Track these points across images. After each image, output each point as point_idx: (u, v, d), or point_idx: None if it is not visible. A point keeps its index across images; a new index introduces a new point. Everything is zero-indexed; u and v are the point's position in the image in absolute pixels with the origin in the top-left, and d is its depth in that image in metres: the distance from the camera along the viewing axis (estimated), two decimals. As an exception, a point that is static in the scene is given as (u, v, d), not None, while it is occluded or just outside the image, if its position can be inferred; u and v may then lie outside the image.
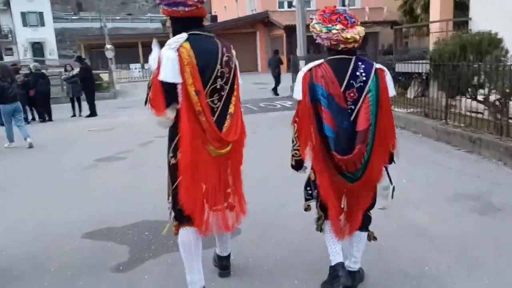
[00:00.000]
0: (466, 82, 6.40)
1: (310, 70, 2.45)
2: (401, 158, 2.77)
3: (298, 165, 2.66)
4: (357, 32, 2.41)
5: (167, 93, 2.32)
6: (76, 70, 13.14)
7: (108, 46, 19.64)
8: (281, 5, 28.58)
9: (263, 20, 28.26)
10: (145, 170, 6.10)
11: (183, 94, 2.34)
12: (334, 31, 2.37)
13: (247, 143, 2.74)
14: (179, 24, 2.50)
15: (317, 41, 2.47)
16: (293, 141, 2.62)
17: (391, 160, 2.70)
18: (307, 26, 16.81)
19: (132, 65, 27.20)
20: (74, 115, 13.21)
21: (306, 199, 2.77)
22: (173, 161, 2.48)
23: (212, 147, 2.44)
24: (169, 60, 2.31)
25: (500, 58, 5.97)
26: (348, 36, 2.36)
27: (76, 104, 13.24)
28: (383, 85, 2.42)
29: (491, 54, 6.05)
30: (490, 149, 5.68)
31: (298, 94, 2.50)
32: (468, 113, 6.70)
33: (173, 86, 2.33)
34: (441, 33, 9.24)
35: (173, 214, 2.56)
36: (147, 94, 2.39)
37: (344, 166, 2.41)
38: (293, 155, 2.65)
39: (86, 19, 55.18)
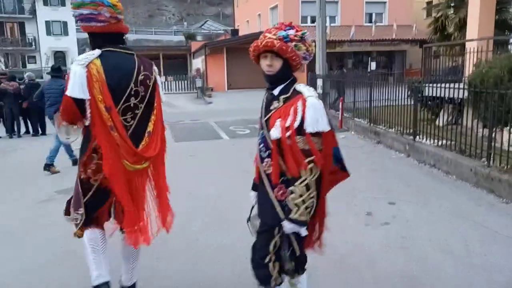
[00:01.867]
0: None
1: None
2: (432, 211, 1.83)
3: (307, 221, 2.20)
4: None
5: (77, 107, 2.37)
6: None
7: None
8: (304, 19, 27.52)
9: (285, 35, 27.22)
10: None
11: (94, 110, 2.37)
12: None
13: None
14: (95, 40, 2.52)
15: (298, 62, 2.23)
16: (309, 188, 2.11)
17: None
18: (330, 42, 15.76)
19: (148, 77, 26.50)
20: (71, 129, 12.32)
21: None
22: (82, 175, 2.53)
23: (127, 162, 2.44)
24: (76, 75, 2.33)
25: None
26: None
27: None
28: None
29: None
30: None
31: (326, 124, 2.15)
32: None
33: (81, 101, 2.36)
34: (479, 53, 7.91)
35: (81, 221, 2.57)
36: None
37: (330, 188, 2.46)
38: (307, 207, 2.13)
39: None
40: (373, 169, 6.55)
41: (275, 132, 2.13)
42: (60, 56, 41.02)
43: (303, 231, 2.20)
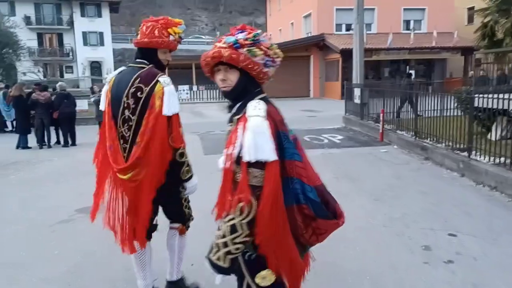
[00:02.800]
0: None
1: (268, 113, 1.71)
2: (505, 250, 2.40)
3: (234, 265, 1.76)
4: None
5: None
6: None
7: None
8: (338, 27, 26.81)
9: (318, 43, 26.57)
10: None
11: (103, 119, 2.79)
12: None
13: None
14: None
15: (259, 70, 1.81)
16: (234, 231, 1.67)
17: None
18: (366, 51, 15.04)
19: (180, 87, 26.39)
20: (101, 140, 12.12)
21: None
22: None
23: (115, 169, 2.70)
24: (102, 91, 2.85)
25: None
26: None
27: (104, 128, 12.19)
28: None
29: None
30: None
31: (271, 153, 1.65)
32: None
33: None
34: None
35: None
36: None
37: (326, 235, 1.83)
38: (228, 253, 1.70)
39: (145, 40, 56.50)
40: (423, 191, 5.81)
41: (219, 162, 1.84)
42: (96, 66, 41.87)
43: (217, 280, 1.78)
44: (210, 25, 72.75)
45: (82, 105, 15.53)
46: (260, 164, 1.64)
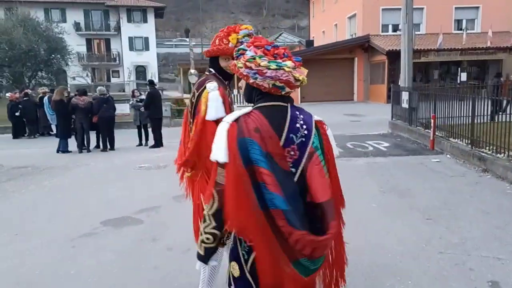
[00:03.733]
0: None
1: (236, 120, 1.83)
2: None
3: (209, 254, 2.11)
4: (305, 73, 1.89)
5: None
6: (144, 96, 12.02)
7: (192, 71, 18.59)
8: (384, 28, 25.74)
9: (362, 45, 25.58)
10: (150, 248, 4.13)
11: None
12: (286, 69, 1.82)
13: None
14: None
15: (250, 82, 1.86)
16: (205, 220, 2.00)
17: None
18: (414, 52, 14.10)
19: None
20: (140, 144, 12.05)
21: None
22: None
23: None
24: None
25: None
26: (300, 78, 1.85)
27: (143, 132, 12.11)
28: (327, 143, 1.93)
29: None
30: None
31: (220, 154, 1.82)
32: None
33: None
34: None
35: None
36: None
37: (307, 248, 1.72)
38: (202, 241, 2.05)
39: (187, 45, 57.39)
40: (484, 210, 5.08)
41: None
42: (141, 70, 42.84)
43: (196, 265, 2.15)
44: (253, 29, 72.84)
45: (124, 108, 15.61)
46: (222, 164, 1.83)
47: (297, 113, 1.88)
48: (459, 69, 23.76)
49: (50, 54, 23.62)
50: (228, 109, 2.72)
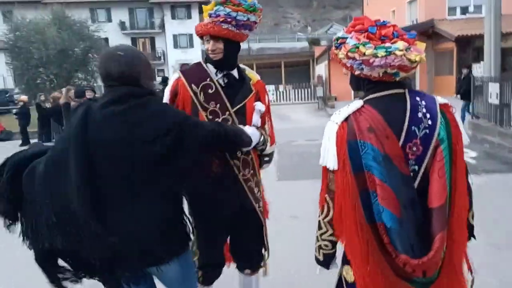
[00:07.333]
0: None
1: (347, 119, 1.60)
2: None
3: (328, 260, 1.84)
4: (422, 51, 1.56)
5: None
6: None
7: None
8: (451, 11, 22.45)
9: (426, 31, 22.41)
10: None
11: None
12: (398, 53, 1.50)
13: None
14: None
15: (356, 73, 1.63)
16: (320, 227, 1.79)
17: (469, 235, 1.74)
18: (502, 35, 10.94)
19: (266, 87, 24.33)
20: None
21: None
22: None
23: None
24: None
25: None
26: (417, 59, 1.53)
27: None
28: (456, 130, 1.60)
29: None
30: None
31: (331, 161, 1.64)
32: None
33: None
34: None
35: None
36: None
37: (416, 271, 1.51)
38: (320, 247, 1.82)
39: (236, 41, 56.21)
40: None
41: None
42: (185, 68, 41.91)
43: (317, 270, 1.90)
44: (302, 22, 70.44)
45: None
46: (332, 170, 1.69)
47: (418, 99, 1.60)
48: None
49: (87, 53, 22.61)
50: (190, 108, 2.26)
